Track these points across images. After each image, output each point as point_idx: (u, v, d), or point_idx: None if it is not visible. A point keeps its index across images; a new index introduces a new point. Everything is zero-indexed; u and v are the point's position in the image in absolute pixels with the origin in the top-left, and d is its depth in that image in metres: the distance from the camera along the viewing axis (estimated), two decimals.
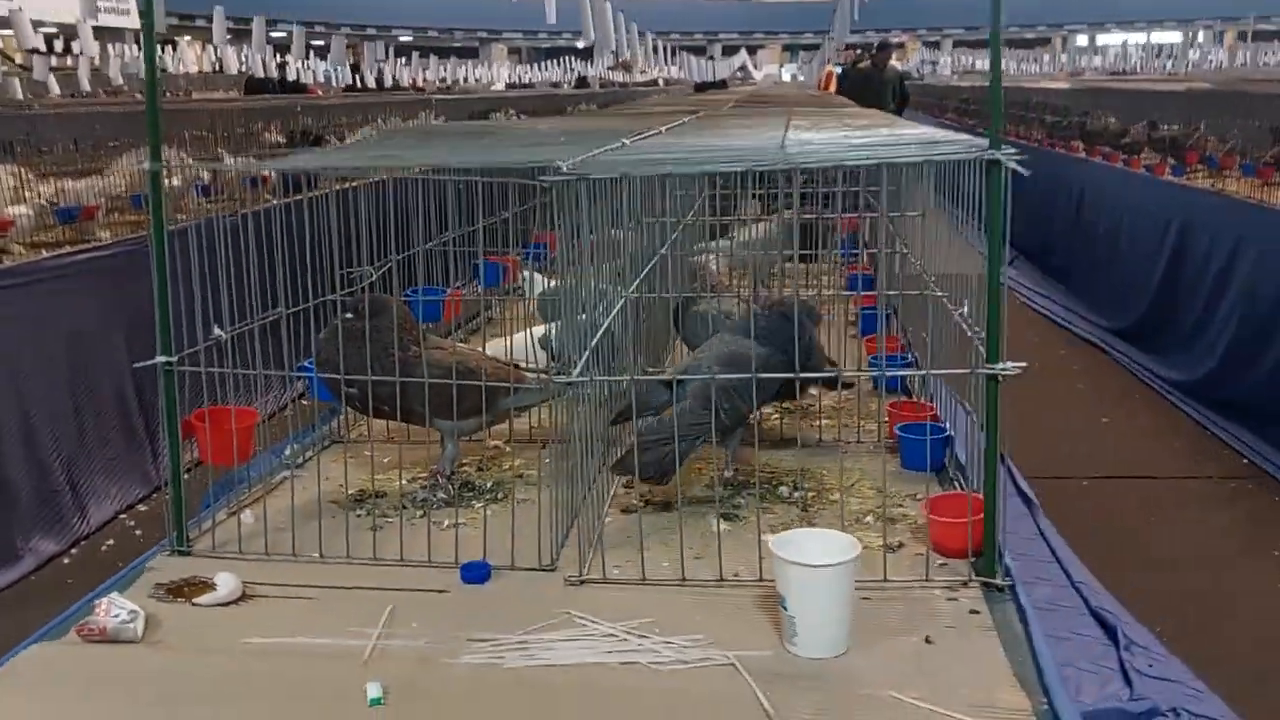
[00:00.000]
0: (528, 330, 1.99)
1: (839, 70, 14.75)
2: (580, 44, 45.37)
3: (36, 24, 26.57)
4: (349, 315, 1.52)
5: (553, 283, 2.42)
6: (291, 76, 13.85)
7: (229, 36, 33.70)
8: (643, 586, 1.22)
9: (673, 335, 2.06)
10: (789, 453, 1.60)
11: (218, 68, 23.20)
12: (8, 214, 3.40)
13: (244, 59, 23.98)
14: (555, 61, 43.77)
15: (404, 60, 40.51)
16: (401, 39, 41.74)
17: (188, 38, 35.57)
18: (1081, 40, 46.62)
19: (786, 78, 41.42)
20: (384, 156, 1.62)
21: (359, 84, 21.33)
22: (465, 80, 24.15)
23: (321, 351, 1.56)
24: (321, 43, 39.97)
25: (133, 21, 28.41)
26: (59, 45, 21.29)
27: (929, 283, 1.64)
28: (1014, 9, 46.80)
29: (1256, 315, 4.36)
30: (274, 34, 35.31)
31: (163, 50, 23.83)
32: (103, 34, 28.35)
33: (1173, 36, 45.79)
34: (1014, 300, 6.92)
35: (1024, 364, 1.22)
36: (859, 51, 13.31)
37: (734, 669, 1.02)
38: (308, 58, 23.71)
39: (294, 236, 1.63)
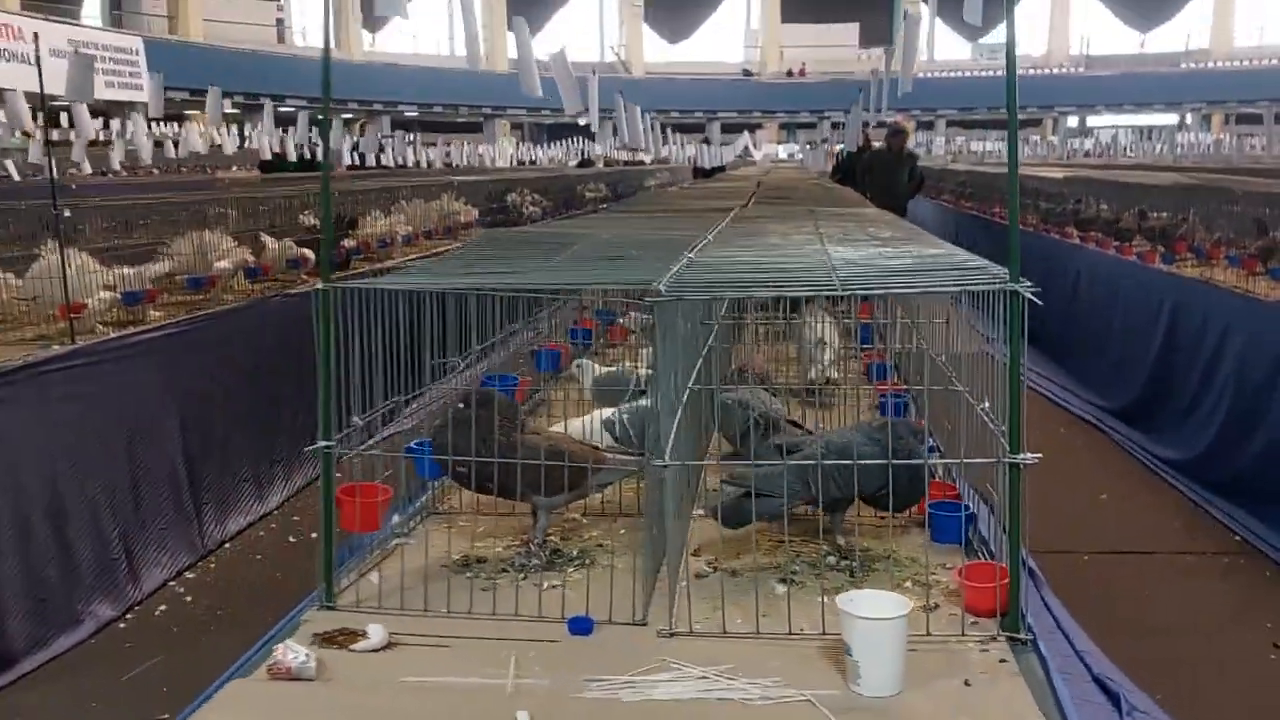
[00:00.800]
0: (595, 414, 2.23)
1: (840, 150, 15.16)
2: (582, 121, 46.44)
3: (52, 98, 27.19)
4: (461, 405, 1.76)
5: (601, 369, 2.68)
6: (294, 156, 14.15)
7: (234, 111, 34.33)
8: (723, 638, 1.45)
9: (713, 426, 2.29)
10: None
11: (217, 145, 23.61)
12: (83, 299, 3.65)
13: (248, 137, 24.44)
14: (559, 141, 44.60)
15: (406, 136, 41.26)
16: (407, 114, 42.58)
17: (194, 112, 36.24)
18: (1072, 121, 47.60)
19: (784, 155, 42.20)
20: (511, 275, 1.86)
21: (359, 162, 21.75)
22: (468, 160, 24.61)
23: (437, 436, 1.80)
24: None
25: (141, 95, 28.91)
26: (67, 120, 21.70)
27: (952, 379, 1.90)
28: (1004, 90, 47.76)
29: (1244, 399, 4.61)
30: (281, 109, 36.09)
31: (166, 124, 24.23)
32: (112, 107, 28.86)
33: (1162, 119, 46.84)
34: None
35: (1040, 454, 1.47)
36: (868, 131, 13.74)
37: (811, 704, 1.25)
38: (311, 134, 24.17)
39: (370, 326, 1.85)
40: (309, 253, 5.53)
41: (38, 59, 4.18)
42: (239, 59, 35.17)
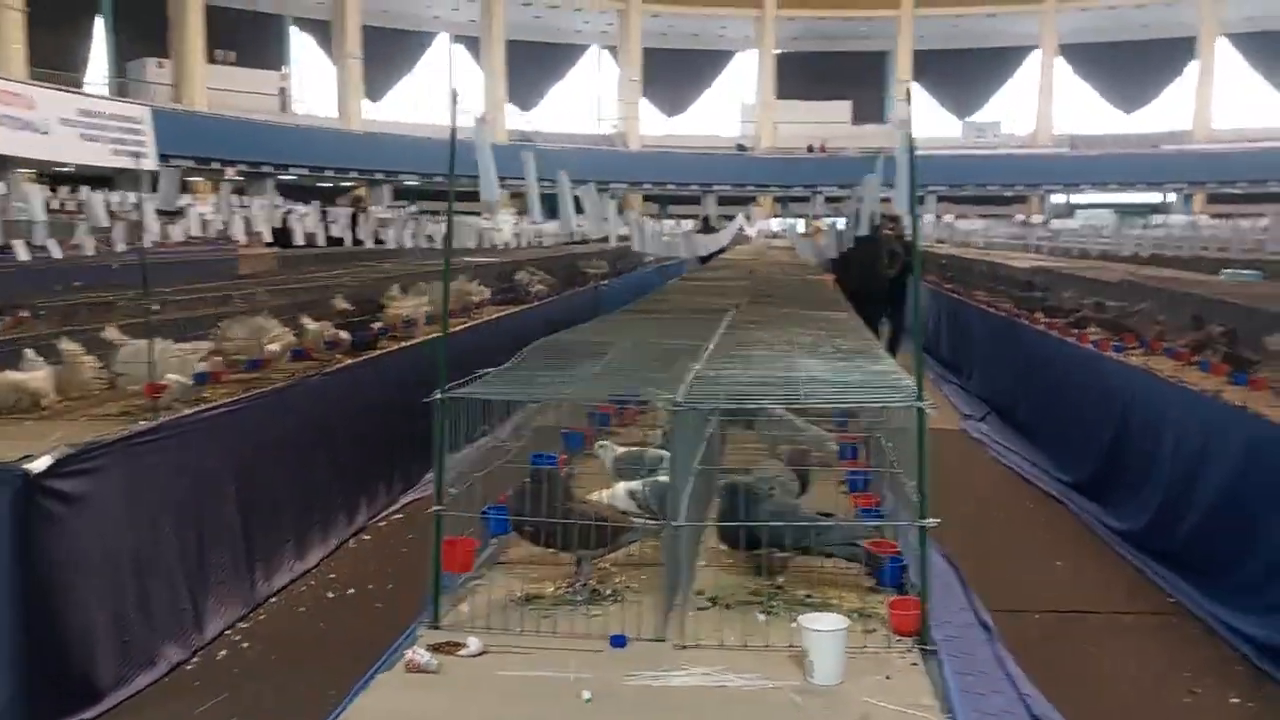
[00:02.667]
0: (619, 486, 2.80)
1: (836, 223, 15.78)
2: (579, 192, 47.41)
3: (56, 165, 27.79)
4: (529, 480, 2.34)
5: (619, 449, 3.26)
6: (300, 239, 14.62)
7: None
8: (720, 649, 2.04)
9: None
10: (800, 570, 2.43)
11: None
12: (165, 380, 4.23)
13: (247, 206, 24.90)
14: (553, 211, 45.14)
15: (405, 213, 41.93)
16: (408, 184, 43.46)
17: (197, 181, 36.96)
18: (1059, 199, 48.73)
19: (776, 227, 43.12)
20: (573, 385, 2.45)
21: (355, 238, 22.30)
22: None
23: (513, 503, 2.38)
24: (329, 184, 41.78)
25: (149, 164, 29.58)
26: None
27: (893, 463, 2.50)
28: (994, 169, 48.71)
29: (1179, 478, 5.17)
30: (282, 177, 36.94)
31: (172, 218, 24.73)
32: (123, 178, 29.54)
33: (1145, 197, 48.00)
34: (985, 455, 7.78)
35: (939, 519, 2.05)
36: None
37: (778, 689, 1.84)
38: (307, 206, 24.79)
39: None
40: (344, 334, 6.13)
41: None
42: (243, 128, 35.95)
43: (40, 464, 3.37)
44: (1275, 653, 4.01)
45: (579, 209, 8.63)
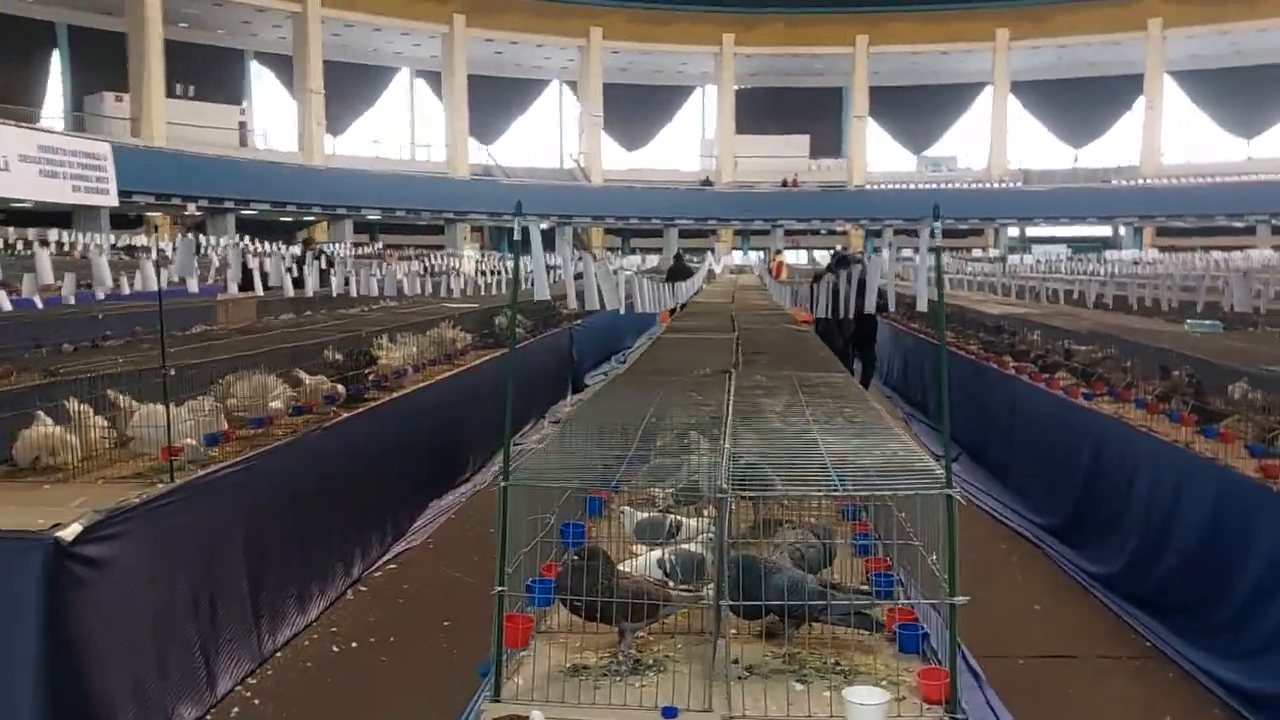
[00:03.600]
0: (650, 554, 2.95)
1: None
2: (542, 226, 47.66)
3: (15, 201, 27.49)
4: (575, 558, 2.49)
5: (640, 515, 3.41)
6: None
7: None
8: (764, 718, 2.19)
9: None
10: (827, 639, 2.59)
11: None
12: (180, 443, 4.33)
13: (204, 246, 24.74)
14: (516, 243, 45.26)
15: (374, 243, 41.83)
16: (369, 217, 43.44)
17: (156, 215, 36.63)
18: (1013, 232, 49.73)
19: (740, 260, 43.64)
20: (614, 471, 2.61)
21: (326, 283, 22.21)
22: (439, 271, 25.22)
23: (563, 579, 2.51)
24: (290, 219, 41.65)
25: (110, 200, 29.36)
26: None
27: (911, 535, 2.67)
28: (949, 203, 49.49)
29: (1153, 524, 5.39)
30: (243, 212, 36.78)
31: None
32: (81, 214, 29.32)
33: (1096, 230, 49.09)
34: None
35: (969, 597, 2.22)
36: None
37: None
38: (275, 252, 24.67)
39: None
40: (341, 388, 6.24)
41: None
42: (203, 164, 35.79)
43: (70, 532, 3.46)
44: (1249, 697, 4.22)
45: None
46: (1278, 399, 5.07)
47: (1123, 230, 48.20)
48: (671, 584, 2.72)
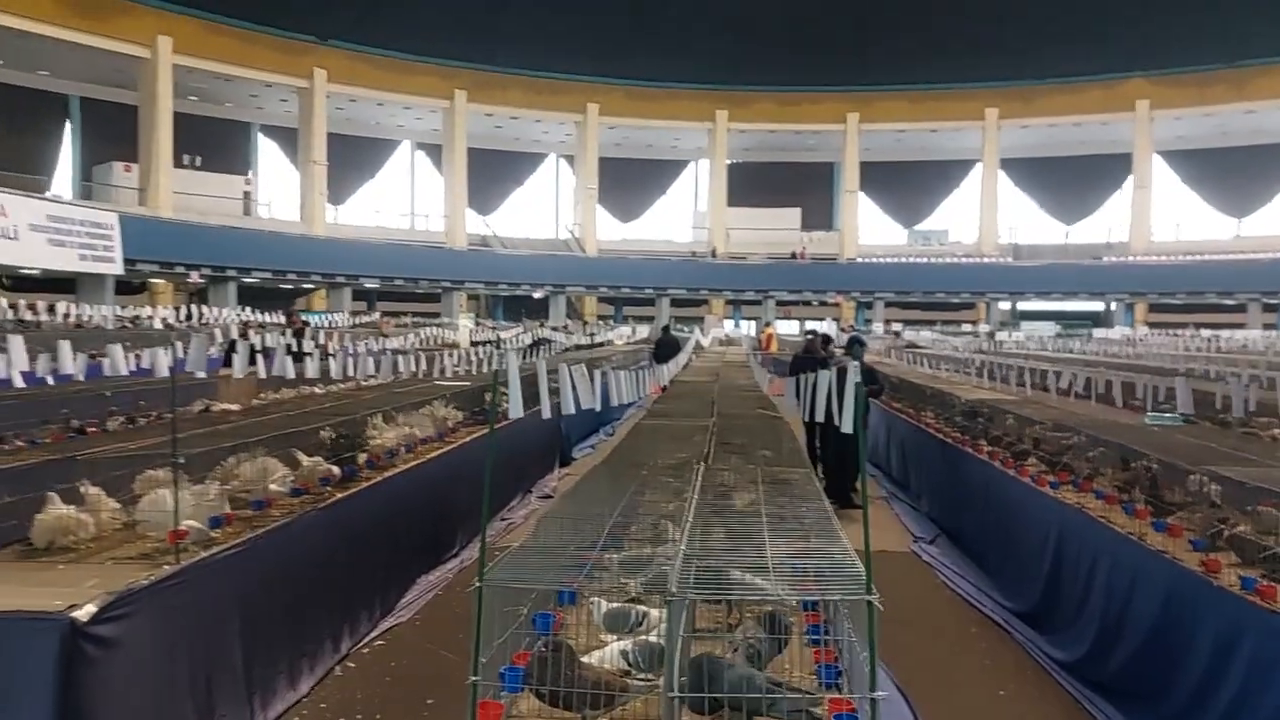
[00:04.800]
0: (613, 645, 3.22)
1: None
2: (537, 295, 48.34)
3: (18, 269, 28.00)
4: (542, 648, 2.76)
5: (608, 605, 3.68)
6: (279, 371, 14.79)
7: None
8: None
9: None
10: None
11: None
12: (185, 526, 4.60)
13: (206, 316, 25.12)
14: (511, 312, 45.94)
15: (372, 311, 42.22)
16: (368, 285, 43.98)
17: (159, 283, 37.07)
18: (1004, 305, 50.28)
19: (730, 328, 44.12)
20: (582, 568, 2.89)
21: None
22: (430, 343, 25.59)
23: (531, 668, 2.78)
24: (290, 286, 42.17)
25: (114, 268, 29.82)
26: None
27: (848, 630, 2.94)
28: (941, 277, 50.00)
29: (1112, 615, 5.62)
30: (245, 280, 37.29)
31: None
32: (85, 281, 29.76)
33: (1088, 305, 49.63)
34: (934, 580, 8.22)
35: (886, 693, 2.49)
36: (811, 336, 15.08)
37: None
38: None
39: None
40: (336, 469, 6.51)
41: None
42: (207, 233, 36.45)
43: (85, 612, 3.71)
44: None
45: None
46: (1232, 493, 5.34)
47: (1114, 305, 48.78)
48: (634, 673, 2.99)
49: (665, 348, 18.97)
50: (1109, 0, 42.30)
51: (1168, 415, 7.82)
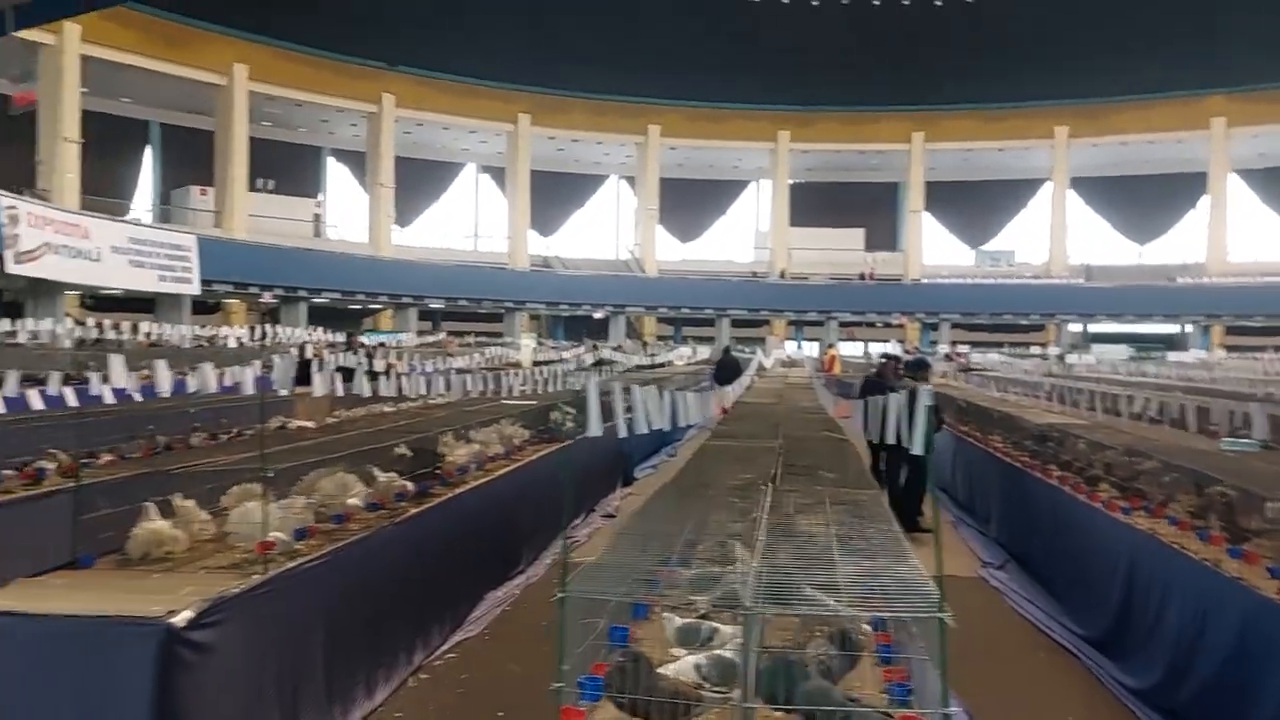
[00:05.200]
0: (688, 659, 3.31)
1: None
2: (597, 315, 48.64)
3: (98, 289, 28.96)
4: (621, 659, 2.86)
5: (680, 620, 3.77)
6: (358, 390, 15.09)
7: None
8: None
9: None
10: None
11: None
12: (272, 537, 4.79)
13: (278, 334, 25.66)
14: (573, 333, 46.26)
15: (437, 331, 42.77)
16: (432, 306, 44.65)
17: (234, 304, 37.99)
18: (1074, 327, 49.30)
19: (791, 349, 43.91)
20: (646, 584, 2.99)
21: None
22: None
23: (610, 678, 2.88)
24: (359, 307, 43.02)
25: (191, 288, 30.70)
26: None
27: (918, 649, 3.00)
28: (1009, 298, 49.22)
29: (1186, 641, 5.54)
30: (315, 301, 38.10)
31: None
32: (164, 301, 30.65)
33: (1162, 328, 48.42)
34: (1003, 606, 8.15)
35: (958, 708, 2.55)
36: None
37: None
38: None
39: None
40: (410, 485, 6.69)
41: None
42: (280, 255, 37.35)
43: (182, 618, 3.89)
44: None
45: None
46: None
47: (1189, 328, 47.59)
48: (706, 687, 3.07)
49: (727, 369, 18.95)
50: (1182, 16, 41.52)
51: (1244, 441, 7.70)
